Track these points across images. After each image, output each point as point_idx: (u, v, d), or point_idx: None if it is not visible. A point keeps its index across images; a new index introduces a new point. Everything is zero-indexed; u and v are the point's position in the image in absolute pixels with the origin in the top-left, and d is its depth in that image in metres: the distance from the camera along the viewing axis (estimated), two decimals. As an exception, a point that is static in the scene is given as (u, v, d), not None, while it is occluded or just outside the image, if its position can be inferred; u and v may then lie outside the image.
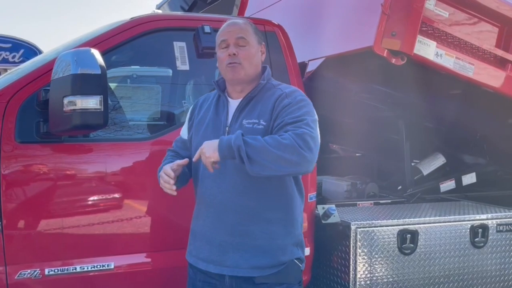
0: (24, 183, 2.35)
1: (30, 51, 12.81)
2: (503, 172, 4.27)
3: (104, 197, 2.54)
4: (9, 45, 12.99)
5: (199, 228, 2.00)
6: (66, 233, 2.44)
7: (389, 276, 2.96)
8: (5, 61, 12.57)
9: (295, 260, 1.91)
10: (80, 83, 2.02)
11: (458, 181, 4.02)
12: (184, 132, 2.20)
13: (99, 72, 2.04)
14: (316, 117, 1.89)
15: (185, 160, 1.93)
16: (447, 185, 4.00)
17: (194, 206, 2.09)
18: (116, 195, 2.56)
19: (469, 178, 4.05)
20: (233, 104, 1.97)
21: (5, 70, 10.72)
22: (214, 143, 1.64)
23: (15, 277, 2.25)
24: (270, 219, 1.86)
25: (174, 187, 1.83)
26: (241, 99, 1.94)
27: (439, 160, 4.11)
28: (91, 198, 2.52)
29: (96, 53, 2.11)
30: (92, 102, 2.04)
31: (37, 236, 2.38)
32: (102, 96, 2.07)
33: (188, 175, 2.12)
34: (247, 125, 1.84)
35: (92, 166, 2.52)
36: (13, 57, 12.52)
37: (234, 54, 1.84)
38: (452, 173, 4.09)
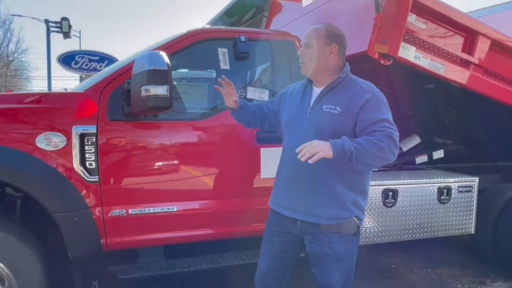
0: (114, 149, 2.41)
1: (111, 61, 13.12)
2: (464, 149, 4.22)
3: (168, 160, 2.56)
4: (97, 58, 13.35)
5: (280, 183, 1.96)
6: (143, 185, 2.49)
7: (375, 224, 2.99)
8: (94, 69, 12.99)
9: (354, 217, 1.81)
10: (153, 76, 2.07)
11: (430, 156, 4.00)
12: (275, 99, 2.19)
13: (166, 68, 2.10)
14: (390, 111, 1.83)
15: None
16: (421, 158, 3.98)
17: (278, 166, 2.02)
18: (176, 159, 2.57)
19: (438, 154, 4.02)
20: (316, 91, 1.89)
21: (95, 76, 11.16)
22: (326, 143, 1.54)
23: (108, 215, 2.35)
24: (336, 184, 1.77)
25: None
26: (322, 88, 1.86)
27: (416, 140, 4.08)
28: (159, 161, 2.54)
29: (163, 54, 2.17)
30: (161, 90, 2.08)
31: (123, 186, 2.45)
32: (168, 85, 2.11)
33: (257, 119, 2.19)
34: (325, 109, 1.77)
35: (160, 138, 2.54)
36: (100, 66, 12.86)
37: (301, 56, 1.84)
38: (425, 150, 4.05)
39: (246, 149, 2.66)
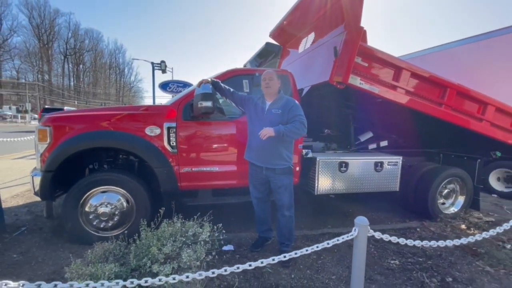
0: (185, 136, 2.61)
1: (190, 86, 13.37)
2: (402, 140, 4.12)
3: (214, 143, 2.71)
4: (182, 85, 13.61)
5: (252, 148, 2.28)
6: (200, 155, 2.67)
7: (333, 183, 3.08)
8: (181, 91, 13.33)
9: (290, 166, 2.21)
10: (204, 96, 2.30)
11: (378, 144, 3.98)
12: (245, 97, 2.38)
13: (211, 92, 2.32)
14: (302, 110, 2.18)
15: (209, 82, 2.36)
16: (372, 146, 3.97)
17: (247, 139, 2.34)
18: (218, 142, 2.72)
19: (384, 143, 3.98)
20: (267, 103, 2.23)
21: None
22: (271, 129, 1.99)
23: (182, 170, 2.60)
24: (281, 148, 2.15)
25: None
26: (271, 101, 2.21)
27: (369, 134, 4.05)
28: (209, 143, 2.69)
29: (210, 85, 2.39)
30: (208, 103, 2.30)
31: (190, 156, 2.64)
32: (212, 101, 2.31)
33: (223, 95, 2.45)
34: (273, 111, 2.14)
35: (211, 130, 2.70)
36: (183, 90, 13.21)
37: (268, 83, 2.17)
38: (375, 140, 4.01)
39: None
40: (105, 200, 2.51)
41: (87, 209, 2.48)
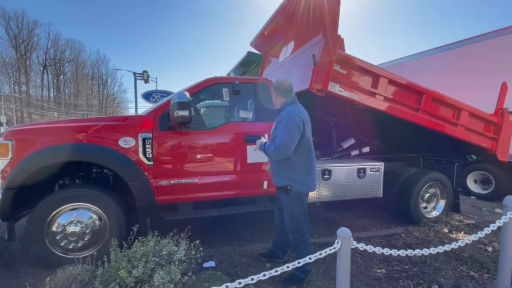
0: (162, 147, 2.50)
1: None
2: (384, 146, 4.12)
3: (192, 153, 2.60)
4: (165, 94, 13.24)
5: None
6: (178, 167, 2.56)
7: (317, 191, 3.04)
8: None
9: (287, 185, 2.00)
10: (180, 105, 2.24)
11: (360, 150, 3.98)
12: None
13: (187, 101, 2.26)
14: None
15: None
16: (355, 152, 3.96)
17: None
18: (197, 152, 2.62)
19: (366, 149, 3.99)
20: None
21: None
22: (259, 141, 2.08)
23: (159, 183, 2.48)
24: (277, 167, 2.05)
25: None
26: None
27: (351, 141, 4.04)
28: (187, 153, 2.59)
29: (186, 93, 2.32)
30: (185, 112, 2.25)
31: (167, 168, 2.52)
32: (189, 110, 2.26)
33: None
34: (275, 121, 2.08)
35: (190, 140, 2.60)
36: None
37: (272, 96, 2.15)
38: (357, 147, 4.01)
39: (238, 146, 2.73)
40: (75, 218, 2.32)
41: (54, 228, 2.28)
